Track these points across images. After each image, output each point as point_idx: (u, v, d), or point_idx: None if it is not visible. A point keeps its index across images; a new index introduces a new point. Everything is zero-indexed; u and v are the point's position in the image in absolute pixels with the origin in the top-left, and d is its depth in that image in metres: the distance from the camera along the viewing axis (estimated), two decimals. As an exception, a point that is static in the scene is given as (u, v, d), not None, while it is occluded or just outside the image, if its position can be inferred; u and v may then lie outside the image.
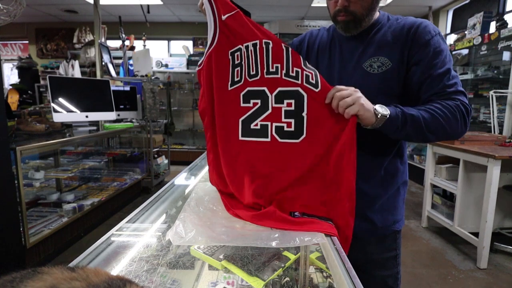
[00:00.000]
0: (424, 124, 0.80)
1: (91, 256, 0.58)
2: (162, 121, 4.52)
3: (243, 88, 0.79)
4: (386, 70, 0.87)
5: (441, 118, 0.81)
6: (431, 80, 0.84)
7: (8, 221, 1.90)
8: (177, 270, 0.68)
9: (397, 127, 0.79)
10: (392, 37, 0.87)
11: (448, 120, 0.81)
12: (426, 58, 0.84)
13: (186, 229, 0.65)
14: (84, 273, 0.22)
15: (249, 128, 0.79)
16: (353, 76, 0.91)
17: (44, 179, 2.62)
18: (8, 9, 2.15)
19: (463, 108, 0.83)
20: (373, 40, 0.90)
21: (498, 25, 3.25)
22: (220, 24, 0.79)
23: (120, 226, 0.70)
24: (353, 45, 0.93)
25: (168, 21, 6.46)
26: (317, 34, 1.05)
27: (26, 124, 2.45)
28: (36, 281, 0.21)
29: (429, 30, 0.85)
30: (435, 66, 0.84)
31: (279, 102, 0.76)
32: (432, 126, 0.81)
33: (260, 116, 0.78)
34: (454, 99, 0.83)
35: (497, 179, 2.17)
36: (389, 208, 0.97)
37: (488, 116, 3.36)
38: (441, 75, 0.84)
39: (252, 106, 0.79)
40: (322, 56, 0.99)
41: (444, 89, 0.84)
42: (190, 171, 1.25)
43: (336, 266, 0.57)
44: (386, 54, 0.87)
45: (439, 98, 0.84)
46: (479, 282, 2.13)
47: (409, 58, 0.86)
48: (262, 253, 0.71)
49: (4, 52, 6.82)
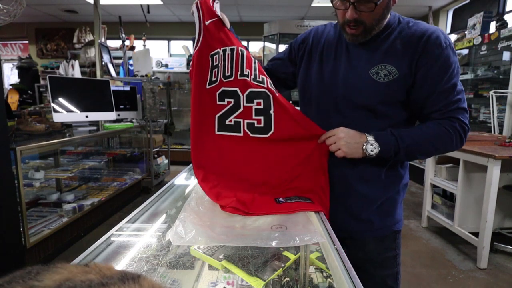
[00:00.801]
0: (416, 150, 0.86)
1: (91, 256, 0.58)
2: (162, 121, 4.52)
3: (219, 87, 0.88)
4: (392, 79, 0.84)
5: (435, 142, 0.85)
6: (436, 96, 0.84)
7: (8, 221, 1.90)
8: (177, 270, 0.68)
9: (389, 156, 0.86)
10: (402, 45, 0.84)
11: (443, 143, 0.85)
12: (434, 73, 0.83)
13: (186, 229, 0.65)
14: (97, 267, 0.23)
15: (224, 124, 0.89)
16: (358, 83, 0.88)
17: (44, 179, 2.62)
18: (8, 9, 2.15)
19: (460, 128, 0.84)
20: (382, 46, 0.87)
21: (498, 25, 3.25)
22: (204, 28, 0.89)
23: (120, 226, 0.70)
24: (361, 49, 0.90)
25: (168, 21, 6.46)
26: (323, 31, 1.00)
27: (26, 124, 2.45)
28: (52, 274, 0.21)
29: (440, 42, 0.82)
30: (441, 82, 0.83)
31: (250, 102, 0.86)
32: (424, 149, 0.87)
33: (233, 113, 0.88)
34: (453, 119, 0.85)
35: (497, 179, 2.17)
36: (389, 210, 0.97)
37: (488, 116, 3.36)
38: (446, 91, 0.83)
39: (226, 104, 0.88)
40: (328, 57, 0.95)
41: (447, 106, 0.84)
42: (190, 171, 1.25)
43: (336, 266, 0.57)
44: (393, 63, 0.84)
45: (440, 116, 0.85)
46: (479, 282, 2.13)
47: (417, 69, 0.84)
48: (262, 253, 0.71)
49: (4, 52, 6.82)
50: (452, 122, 0.84)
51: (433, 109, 0.85)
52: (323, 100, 0.94)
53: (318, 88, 0.95)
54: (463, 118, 0.85)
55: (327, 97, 0.93)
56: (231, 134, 0.89)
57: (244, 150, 0.88)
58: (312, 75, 0.97)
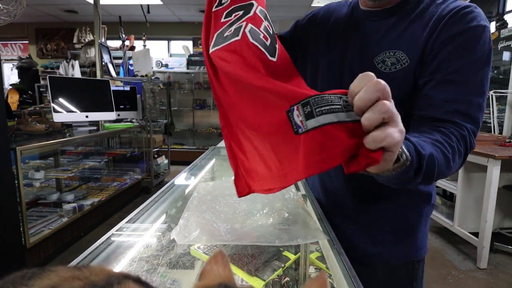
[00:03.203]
0: (435, 174, 0.52)
1: (91, 256, 0.58)
2: (162, 121, 4.52)
3: (229, 6, 0.63)
4: (400, 69, 0.66)
5: (448, 163, 0.54)
6: (444, 85, 0.60)
7: (8, 221, 1.90)
8: (177, 270, 0.68)
9: (408, 177, 0.48)
10: (423, 27, 0.65)
11: (453, 165, 0.55)
12: (450, 51, 0.60)
13: (190, 228, 0.65)
14: (88, 271, 0.23)
15: (222, 36, 0.60)
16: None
17: (44, 179, 2.63)
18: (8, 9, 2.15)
19: (469, 145, 0.58)
20: (398, 25, 0.68)
21: (498, 25, 3.25)
22: None
23: (120, 226, 0.70)
24: (374, 29, 0.71)
25: (168, 21, 6.46)
26: (335, 9, 0.83)
27: (26, 124, 2.45)
28: (43, 279, 0.21)
29: (472, 18, 0.60)
30: (455, 66, 0.59)
31: (264, 18, 0.60)
32: (439, 175, 0.53)
33: (239, 20, 0.60)
34: (462, 127, 0.58)
35: (497, 179, 2.17)
36: (407, 233, 0.79)
37: (488, 116, 3.36)
38: (461, 83, 0.59)
39: (232, 17, 0.61)
40: (334, 39, 0.78)
41: (455, 104, 0.59)
42: (190, 171, 1.25)
43: (336, 266, 0.57)
44: (406, 48, 0.65)
45: (439, 115, 0.59)
46: (479, 282, 2.13)
47: (429, 52, 0.63)
48: (262, 253, 0.71)
49: (4, 52, 6.82)
50: (462, 130, 0.57)
51: (434, 101, 0.60)
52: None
53: (323, 84, 0.79)
54: (472, 131, 0.58)
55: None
56: (226, 44, 0.57)
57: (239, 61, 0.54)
58: (318, 67, 0.81)
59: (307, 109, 0.41)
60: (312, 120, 0.40)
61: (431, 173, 0.50)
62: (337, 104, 0.39)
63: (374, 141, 0.36)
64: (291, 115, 0.43)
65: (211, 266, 0.25)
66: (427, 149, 0.50)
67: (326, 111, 0.39)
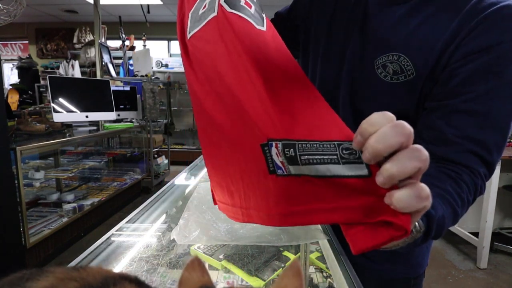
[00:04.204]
0: (442, 234, 0.43)
1: (91, 256, 0.58)
2: (162, 121, 4.52)
3: None
4: (403, 81, 0.52)
5: (456, 218, 0.45)
6: (470, 99, 0.45)
7: (8, 221, 1.90)
8: (177, 270, 0.68)
9: (414, 244, 0.39)
10: (448, 19, 0.48)
11: (459, 219, 0.47)
12: (467, 72, 0.46)
13: (190, 228, 0.65)
14: (85, 272, 0.23)
15: (198, 15, 0.47)
16: (360, 79, 0.58)
17: (44, 179, 2.62)
18: (8, 9, 2.15)
19: (480, 189, 0.50)
20: (412, 16, 0.52)
21: None
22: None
23: (120, 226, 0.70)
24: (381, 19, 0.56)
25: (168, 21, 6.46)
26: None
27: (26, 124, 2.45)
28: (40, 281, 0.21)
29: (507, 26, 0.45)
30: (469, 96, 0.45)
31: None
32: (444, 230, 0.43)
33: None
34: (476, 173, 0.47)
35: (497, 179, 2.17)
36: (402, 253, 0.71)
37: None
38: (492, 99, 0.45)
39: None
40: (337, 30, 0.63)
41: (481, 131, 0.45)
42: (190, 171, 1.25)
43: (336, 266, 0.57)
44: (415, 54, 0.50)
45: (456, 147, 0.46)
46: (479, 282, 2.13)
47: (445, 64, 0.48)
48: (262, 253, 0.71)
49: (4, 52, 6.82)
50: (475, 177, 0.47)
51: (444, 135, 0.47)
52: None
53: (320, 87, 0.66)
54: (485, 175, 0.49)
55: (329, 98, 0.58)
56: (202, 26, 0.45)
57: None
58: (316, 63, 0.67)
59: (289, 153, 0.30)
60: (296, 167, 0.30)
61: (437, 235, 0.41)
62: (330, 154, 0.28)
63: (417, 197, 0.25)
64: (268, 151, 0.33)
65: (189, 273, 0.24)
66: (438, 210, 0.39)
67: (315, 161, 0.29)
